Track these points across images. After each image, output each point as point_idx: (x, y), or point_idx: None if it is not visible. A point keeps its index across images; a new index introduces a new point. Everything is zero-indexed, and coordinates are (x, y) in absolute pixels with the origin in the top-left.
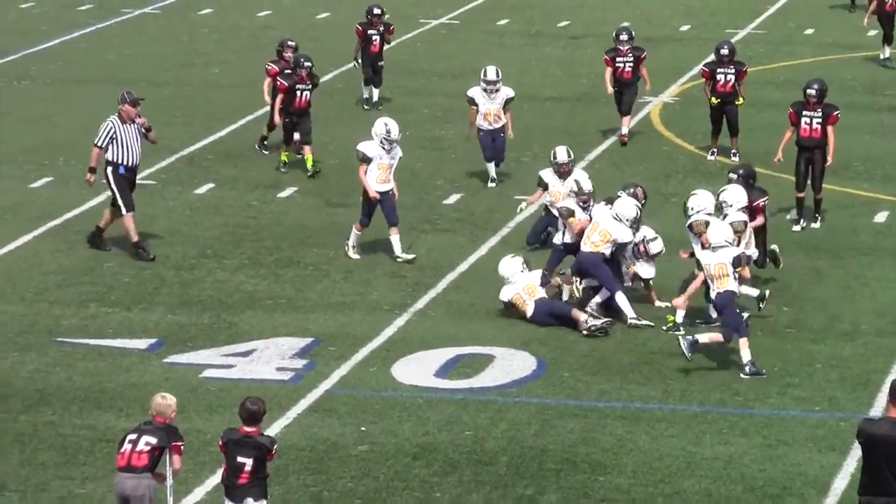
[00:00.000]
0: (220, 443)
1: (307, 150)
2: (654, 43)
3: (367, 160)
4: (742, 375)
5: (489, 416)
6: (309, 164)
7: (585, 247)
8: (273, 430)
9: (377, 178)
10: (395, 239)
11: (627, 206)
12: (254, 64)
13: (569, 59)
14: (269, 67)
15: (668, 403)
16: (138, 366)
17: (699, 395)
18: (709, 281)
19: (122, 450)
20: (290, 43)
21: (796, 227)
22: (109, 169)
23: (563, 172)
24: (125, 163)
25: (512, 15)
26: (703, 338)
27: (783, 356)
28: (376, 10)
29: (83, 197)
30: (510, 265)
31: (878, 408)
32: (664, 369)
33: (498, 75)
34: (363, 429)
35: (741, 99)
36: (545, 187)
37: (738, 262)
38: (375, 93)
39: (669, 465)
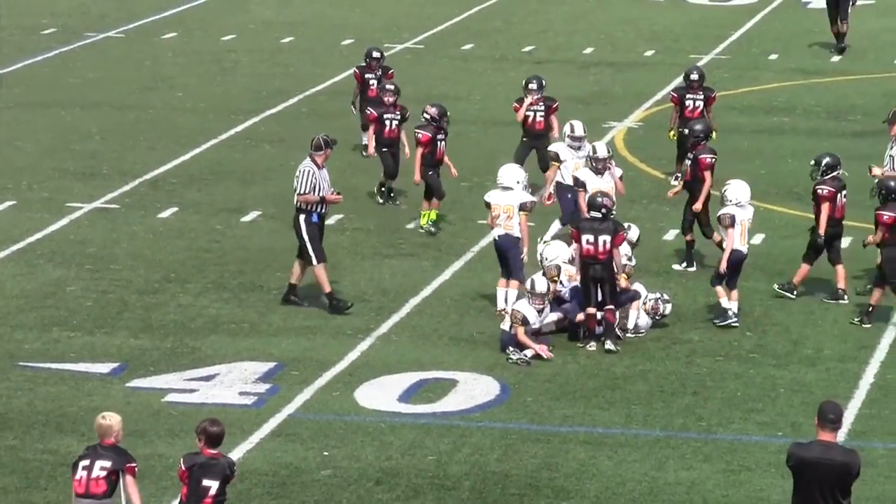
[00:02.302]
0: (183, 468)
1: (436, 204)
2: (619, 68)
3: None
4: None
5: (452, 441)
6: (429, 219)
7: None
8: (235, 455)
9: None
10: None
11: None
12: (217, 88)
13: None
14: (369, 112)
15: (630, 428)
16: (100, 390)
17: (662, 419)
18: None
19: (78, 476)
20: (389, 87)
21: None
22: (302, 217)
23: (577, 147)
24: (319, 210)
25: (477, 40)
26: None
27: (746, 381)
28: (375, 54)
29: (45, 221)
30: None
31: (842, 434)
32: (627, 394)
33: (585, 130)
34: (326, 454)
35: (714, 134)
36: (558, 161)
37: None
38: None
39: (632, 491)
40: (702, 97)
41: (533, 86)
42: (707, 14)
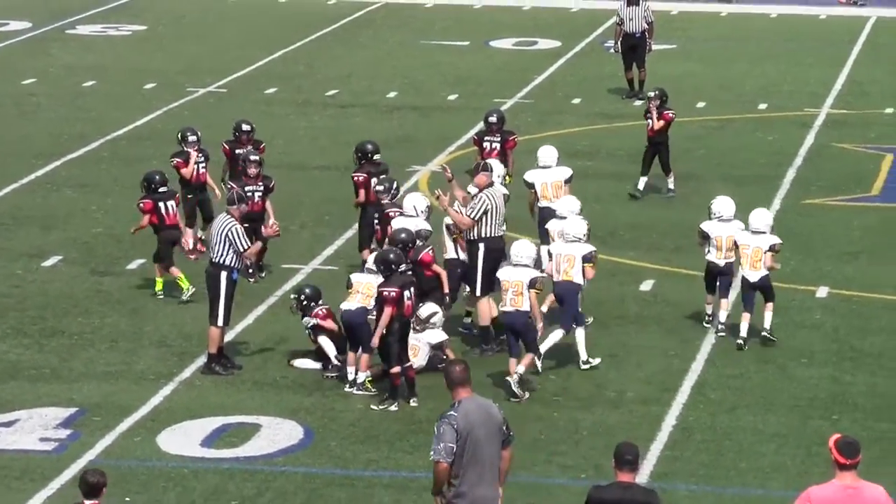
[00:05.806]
0: None
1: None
2: (423, 112)
3: None
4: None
5: (255, 486)
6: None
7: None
8: (36, 502)
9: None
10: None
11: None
12: (17, 132)
13: (336, 128)
14: (230, 186)
15: None
16: None
17: None
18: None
19: None
20: (253, 158)
21: None
22: (223, 273)
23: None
24: (240, 266)
25: (280, 84)
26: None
27: (550, 424)
28: (245, 127)
29: None
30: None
31: (643, 475)
32: (430, 437)
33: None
34: (128, 500)
35: (508, 177)
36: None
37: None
38: None
39: None
40: (499, 139)
41: (193, 138)
42: (510, 59)
